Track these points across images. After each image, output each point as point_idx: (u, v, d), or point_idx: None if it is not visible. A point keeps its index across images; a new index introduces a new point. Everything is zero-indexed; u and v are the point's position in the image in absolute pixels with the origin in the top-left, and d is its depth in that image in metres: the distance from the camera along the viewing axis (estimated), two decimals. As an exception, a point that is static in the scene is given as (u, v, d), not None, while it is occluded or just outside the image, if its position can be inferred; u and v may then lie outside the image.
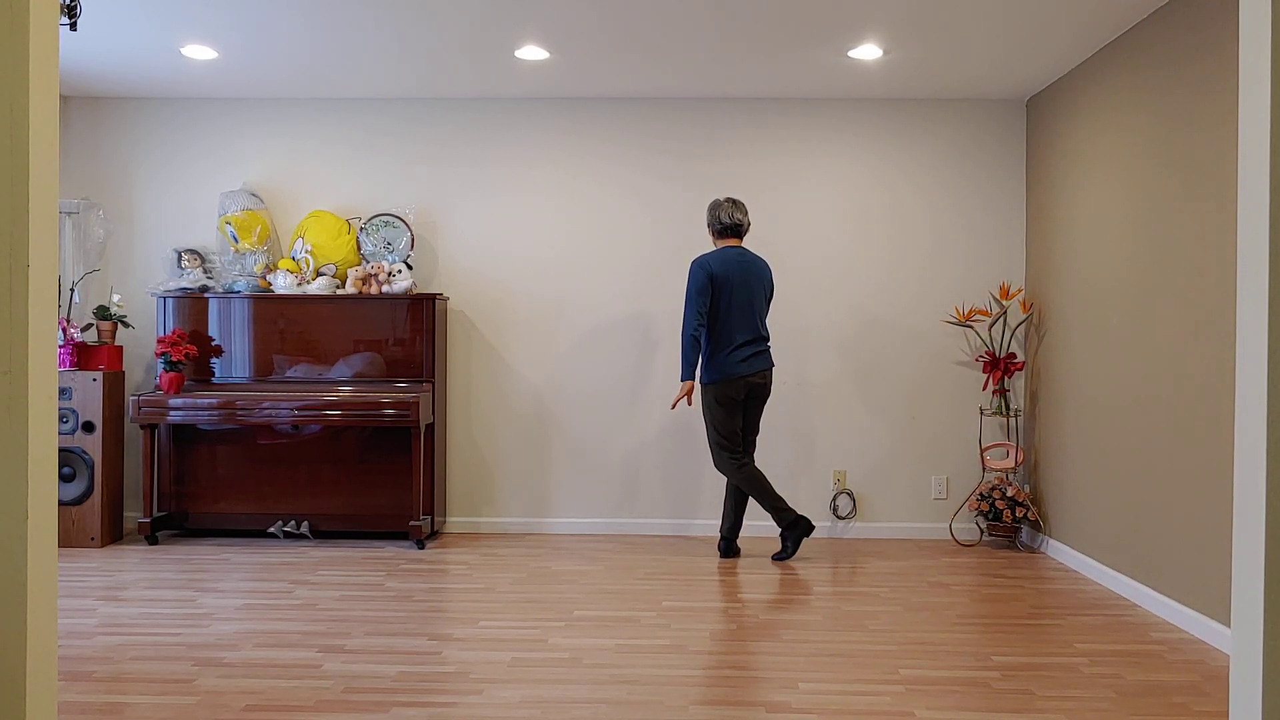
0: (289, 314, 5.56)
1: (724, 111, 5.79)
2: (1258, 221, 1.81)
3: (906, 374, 5.79)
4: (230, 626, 3.93)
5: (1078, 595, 4.48)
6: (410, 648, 3.67)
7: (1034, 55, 4.93)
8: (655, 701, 3.15)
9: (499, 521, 5.84)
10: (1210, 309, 3.83)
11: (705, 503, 5.82)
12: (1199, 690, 3.29)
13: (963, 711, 3.08)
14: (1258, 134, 1.81)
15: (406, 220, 5.68)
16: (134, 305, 5.87)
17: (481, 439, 5.85)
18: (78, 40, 4.83)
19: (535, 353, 5.84)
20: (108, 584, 4.59)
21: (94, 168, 5.88)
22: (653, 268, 5.81)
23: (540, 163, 5.84)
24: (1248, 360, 1.83)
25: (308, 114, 5.86)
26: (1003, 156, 5.78)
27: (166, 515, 5.58)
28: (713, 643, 3.76)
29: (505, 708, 3.09)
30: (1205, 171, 3.88)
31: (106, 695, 3.18)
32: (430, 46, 4.87)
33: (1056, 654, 3.65)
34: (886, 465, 5.80)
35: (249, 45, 4.89)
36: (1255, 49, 1.81)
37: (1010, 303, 5.77)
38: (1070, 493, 5.11)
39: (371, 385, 5.53)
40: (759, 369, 5.03)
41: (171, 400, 5.34)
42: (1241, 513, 1.83)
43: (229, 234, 5.62)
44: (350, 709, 3.07)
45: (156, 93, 5.77)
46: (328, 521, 5.58)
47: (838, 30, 4.59)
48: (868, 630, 3.93)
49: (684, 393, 4.94)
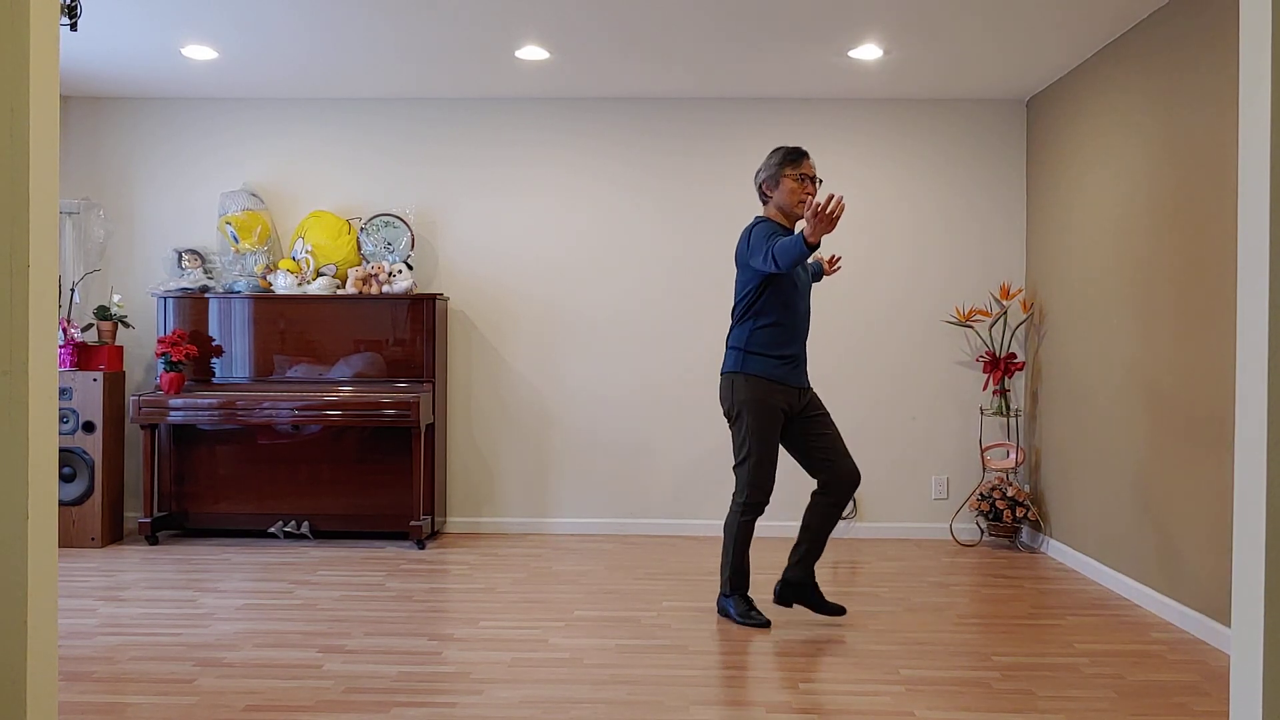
0: (289, 314, 5.56)
1: (724, 111, 5.79)
2: (1258, 221, 1.81)
3: (907, 374, 5.79)
4: (230, 626, 3.93)
5: (1078, 595, 4.48)
6: (410, 648, 3.67)
7: (1034, 55, 4.93)
8: (655, 701, 3.15)
9: (499, 521, 5.84)
10: (1210, 309, 3.83)
11: (705, 503, 5.82)
12: (1199, 690, 3.29)
13: (963, 711, 3.08)
14: (1258, 134, 1.80)
15: (407, 220, 5.68)
16: (134, 305, 5.87)
17: (482, 439, 5.85)
18: (78, 40, 4.83)
19: (535, 352, 5.84)
20: (108, 584, 4.59)
21: (94, 168, 5.88)
22: (652, 267, 5.81)
23: (540, 163, 5.84)
24: (1248, 360, 1.83)
25: (308, 114, 5.86)
26: (1003, 156, 5.78)
27: (167, 515, 5.58)
28: (713, 643, 3.76)
29: (505, 708, 3.08)
30: (1205, 171, 3.88)
31: (107, 695, 3.17)
32: (430, 46, 4.87)
33: (1056, 654, 3.65)
34: (886, 465, 5.79)
35: (249, 45, 4.89)
36: (1255, 49, 1.81)
37: (1010, 303, 5.77)
38: (1070, 493, 5.11)
39: (372, 385, 5.53)
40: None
41: (172, 400, 5.34)
42: (1241, 513, 1.83)
43: (229, 234, 5.62)
44: (350, 709, 3.07)
45: (156, 93, 5.77)
46: (328, 521, 5.58)
47: (838, 30, 4.59)
48: (868, 630, 3.93)
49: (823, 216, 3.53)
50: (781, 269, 3.72)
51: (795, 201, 3.96)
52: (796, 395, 4.00)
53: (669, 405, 5.82)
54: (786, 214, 4.00)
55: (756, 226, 3.94)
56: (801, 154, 3.97)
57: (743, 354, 3.97)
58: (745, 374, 3.95)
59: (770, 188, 4.01)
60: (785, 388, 3.96)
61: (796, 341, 3.98)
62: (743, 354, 3.97)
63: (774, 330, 3.94)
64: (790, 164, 3.96)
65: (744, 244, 3.96)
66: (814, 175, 3.99)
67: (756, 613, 4.01)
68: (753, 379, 3.93)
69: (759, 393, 3.92)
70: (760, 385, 3.92)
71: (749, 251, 3.91)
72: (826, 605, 4.03)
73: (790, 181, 3.96)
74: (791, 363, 3.97)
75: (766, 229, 3.90)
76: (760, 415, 3.91)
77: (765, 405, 3.92)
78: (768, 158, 4.04)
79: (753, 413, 3.92)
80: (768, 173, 4.01)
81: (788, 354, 3.96)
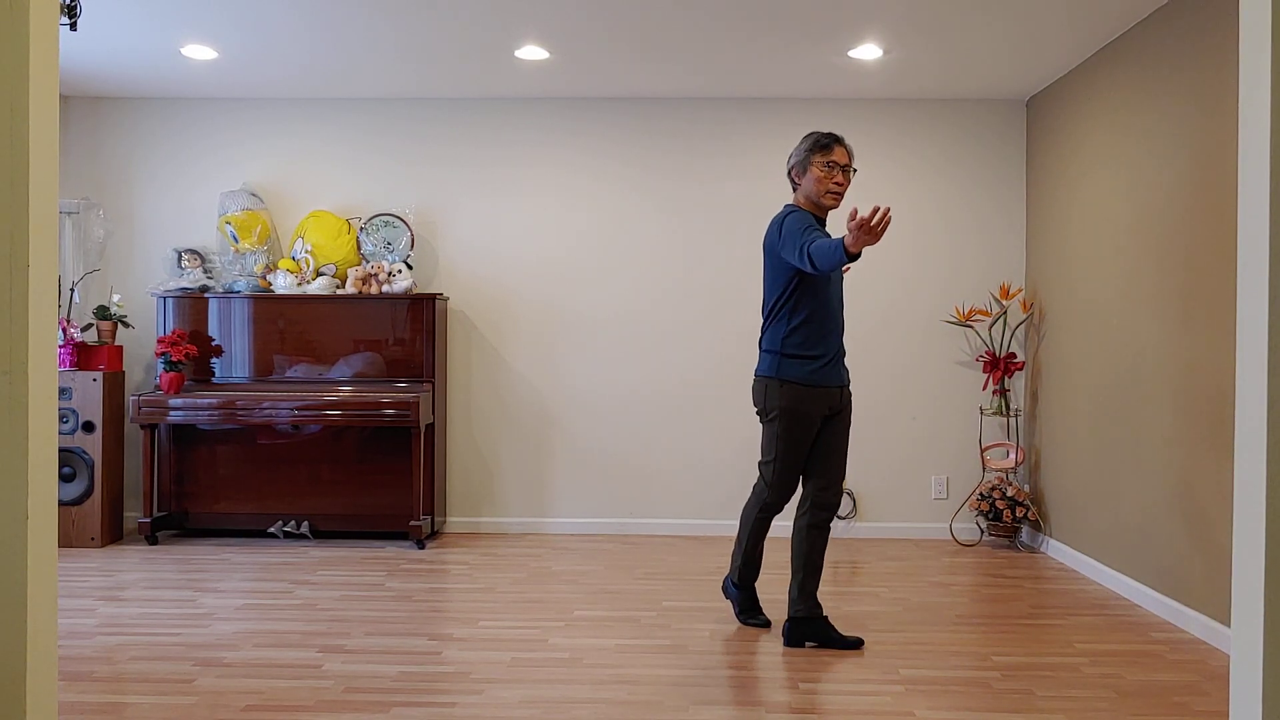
0: (289, 314, 5.56)
1: (724, 111, 5.79)
2: (1258, 221, 1.81)
3: (907, 374, 5.79)
4: (230, 626, 3.93)
5: (1078, 595, 4.48)
6: (410, 648, 3.67)
7: (1034, 55, 4.93)
8: (655, 701, 3.15)
9: (499, 521, 5.84)
10: (1210, 309, 3.83)
11: (706, 502, 5.81)
12: (1199, 690, 3.29)
13: (963, 711, 3.08)
14: (1258, 134, 1.80)
15: (406, 220, 5.68)
16: (134, 305, 5.86)
17: (481, 439, 5.85)
18: (78, 40, 4.83)
19: (535, 352, 5.84)
20: (108, 584, 4.59)
21: (94, 168, 5.88)
22: (652, 267, 5.81)
23: (540, 162, 5.84)
24: (1248, 359, 1.83)
25: (308, 114, 5.86)
26: (1003, 156, 5.78)
27: (166, 515, 5.58)
28: (713, 643, 3.76)
29: (505, 708, 3.08)
30: (1205, 171, 3.88)
31: (106, 695, 3.17)
32: (430, 46, 4.87)
33: (1056, 654, 3.65)
34: (886, 465, 5.79)
35: (249, 45, 4.89)
36: (1255, 49, 1.81)
37: (1010, 303, 5.77)
38: (1070, 493, 5.11)
39: (371, 385, 5.53)
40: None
41: (171, 400, 5.34)
42: (1241, 513, 1.83)
43: (229, 234, 5.62)
44: (350, 709, 3.07)
45: (156, 93, 5.77)
46: (328, 521, 5.58)
47: (838, 30, 4.59)
48: (868, 630, 3.93)
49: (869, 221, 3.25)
50: (818, 271, 3.50)
51: (823, 191, 3.74)
52: (837, 395, 3.78)
53: (669, 404, 5.82)
54: (815, 203, 3.78)
55: (789, 216, 3.69)
56: (833, 140, 3.73)
57: (778, 358, 3.74)
58: (781, 380, 3.72)
59: (799, 174, 3.79)
60: (825, 390, 3.74)
61: (832, 337, 3.75)
62: (778, 358, 3.74)
63: (809, 328, 3.71)
64: (820, 150, 3.73)
65: (774, 233, 3.72)
66: (846, 164, 3.74)
67: (756, 613, 3.98)
68: (788, 385, 3.71)
69: (794, 401, 3.71)
70: (795, 392, 3.71)
71: (780, 242, 3.67)
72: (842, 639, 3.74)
73: (818, 169, 3.72)
74: (830, 361, 3.74)
75: (800, 220, 3.64)
76: (793, 423, 3.72)
77: (799, 414, 3.71)
78: (800, 143, 3.81)
79: (785, 420, 3.72)
80: (797, 159, 3.78)
81: (825, 353, 3.73)
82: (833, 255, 3.39)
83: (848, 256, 3.36)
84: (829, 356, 3.74)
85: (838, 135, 3.79)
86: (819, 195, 3.75)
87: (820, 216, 3.81)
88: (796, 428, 3.73)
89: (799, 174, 3.79)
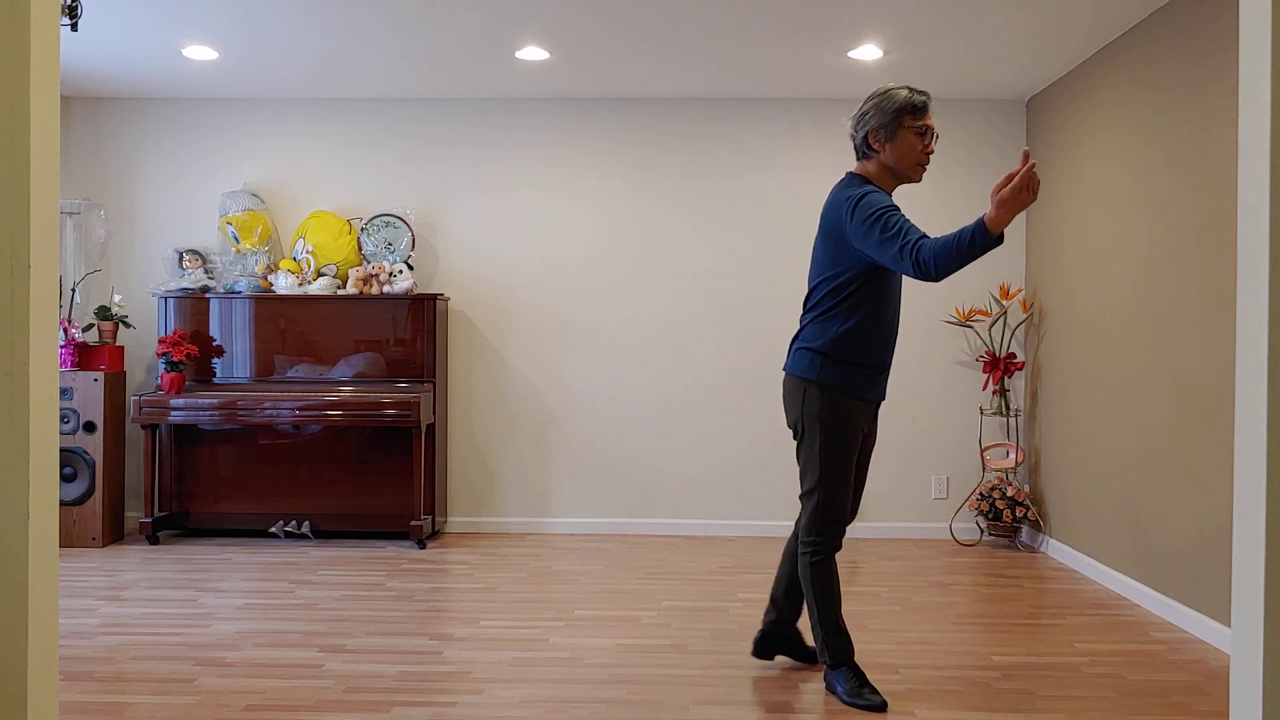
0: (290, 314, 5.57)
1: (724, 112, 5.79)
2: (1258, 221, 1.81)
3: (907, 374, 5.79)
4: (231, 626, 3.93)
5: (1078, 595, 4.48)
6: (411, 647, 3.67)
7: (1034, 55, 4.93)
8: (655, 701, 3.15)
9: (499, 521, 5.85)
10: (1210, 308, 3.83)
11: (706, 503, 5.82)
12: (1199, 690, 3.29)
13: (963, 711, 3.08)
14: (1258, 134, 1.81)
15: (407, 220, 5.69)
16: (135, 305, 5.87)
17: (482, 439, 5.85)
18: (78, 40, 4.83)
19: (536, 353, 5.84)
20: (109, 584, 4.59)
21: (95, 168, 5.89)
22: (652, 267, 5.81)
23: (541, 163, 5.84)
24: (1248, 359, 1.83)
25: (308, 114, 5.86)
26: (1003, 156, 5.78)
27: (167, 515, 5.58)
28: (713, 643, 3.76)
29: (505, 707, 3.09)
30: (1205, 171, 3.88)
31: (107, 695, 3.18)
32: (431, 47, 4.88)
33: (1056, 654, 3.65)
34: (886, 465, 5.79)
35: (250, 45, 4.89)
36: (1255, 49, 1.81)
37: (1010, 303, 5.77)
38: (1070, 493, 5.11)
39: (372, 385, 5.53)
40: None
41: (173, 400, 5.34)
42: (1241, 513, 1.83)
43: (230, 234, 5.62)
44: (351, 709, 3.07)
45: (157, 93, 5.77)
46: (329, 521, 5.58)
47: (838, 30, 4.59)
48: (868, 630, 3.93)
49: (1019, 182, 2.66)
50: (935, 277, 2.81)
51: (914, 163, 3.08)
52: (875, 410, 3.25)
53: (669, 405, 5.82)
54: (896, 174, 3.11)
55: (867, 195, 2.99)
56: (926, 99, 3.08)
57: (821, 358, 3.10)
58: (822, 384, 3.09)
59: (881, 140, 3.08)
60: (866, 403, 3.17)
61: (890, 344, 3.15)
62: (821, 358, 3.10)
63: (866, 332, 3.08)
64: (913, 113, 3.05)
65: (844, 212, 3.02)
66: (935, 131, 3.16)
67: (870, 690, 3.13)
68: (831, 392, 3.09)
69: (838, 410, 3.10)
70: (839, 400, 3.10)
71: (853, 226, 2.98)
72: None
73: (911, 135, 3.06)
74: (880, 372, 3.16)
75: (878, 199, 2.97)
76: (838, 437, 3.10)
77: (845, 425, 3.10)
78: (876, 100, 3.08)
79: (829, 433, 3.09)
80: (880, 120, 3.06)
81: (880, 362, 3.14)
82: (966, 251, 2.73)
83: (991, 243, 2.71)
84: (884, 367, 3.17)
85: (926, 92, 3.16)
86: (909, 166, 3.09)
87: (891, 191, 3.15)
88: (842, 442, 3.11)
89: (883, 140, 3.08)
